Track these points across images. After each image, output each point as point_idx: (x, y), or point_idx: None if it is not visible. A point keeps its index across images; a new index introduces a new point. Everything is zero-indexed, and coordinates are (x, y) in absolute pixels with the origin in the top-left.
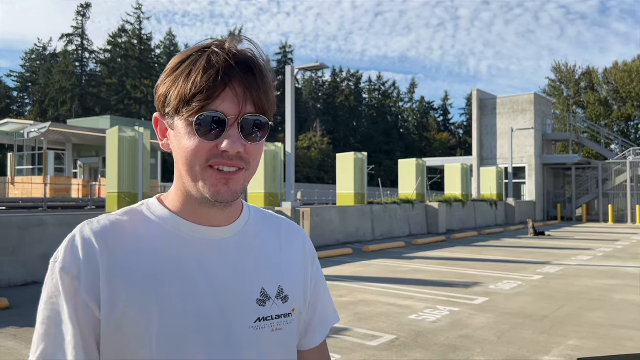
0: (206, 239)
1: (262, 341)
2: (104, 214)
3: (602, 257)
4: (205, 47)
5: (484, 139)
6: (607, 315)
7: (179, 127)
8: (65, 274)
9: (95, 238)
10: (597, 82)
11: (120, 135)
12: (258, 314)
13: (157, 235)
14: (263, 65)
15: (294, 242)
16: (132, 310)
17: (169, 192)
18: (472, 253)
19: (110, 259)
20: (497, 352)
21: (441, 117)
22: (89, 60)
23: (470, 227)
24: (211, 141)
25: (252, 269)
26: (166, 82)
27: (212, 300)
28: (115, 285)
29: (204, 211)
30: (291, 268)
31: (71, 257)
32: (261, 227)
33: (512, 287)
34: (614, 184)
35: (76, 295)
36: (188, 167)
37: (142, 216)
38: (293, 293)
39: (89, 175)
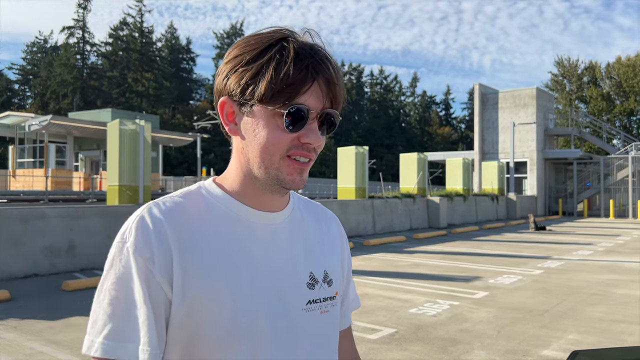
0: (264, 224)
1: (314, 323)
2: (166, 196)
3: (603, 252)
4: (282, 38)
5: (485, 134)
6: (608, 310)
7: (261, 115)
8: (139, 255)
9: (165, 219)
10: (600, 77)
11: (121, 128)
12: (309, 296)
13: (219, 218)
14: (334, 60)
15: (331, 228)
16: (204, 294)
17: (226, 176)
18: (472, 247)
19: (180, 241)
20: (496, 346)
21: (443, 111)
22: (90, 53)
23: (472, 221)
24: (294, 133)
25: (302, 254)
26: (245, 68)
27: (272, 284)
28: (187, 268)
29: (264, 197)
30: (332, 253)
31: (143, 238)
32: (304, 213)
33: (512, 281)
34: (616, 179)
35: (150, 276)
36: (266, 155)
37: (203, 199)
38: (335, 277)
39: (90, 168)
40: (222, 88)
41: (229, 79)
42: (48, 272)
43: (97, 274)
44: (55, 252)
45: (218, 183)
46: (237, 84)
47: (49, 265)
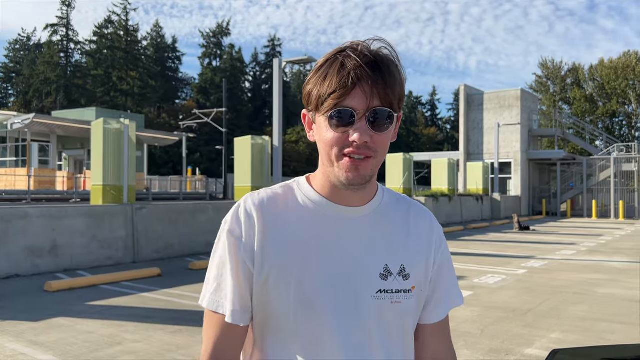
0: (343, 217)
1: (383, 310)
2: (264, 188)
3: (585, 252)
4: (341, 50)
5: (470, 134)
6: (590, 309)
7: (320, 121)
8: (231, 235)
9: (255, 208)
10: (583, 79)
11: (105, 127)
12: (380, 286)
13: (303, 210)
14: (391, 62)
15: (421, 225)
16: (275, 272)
17: (315, 174)
18: (457, 247)
19: (264, 225)
20: (480, 345)
21: (429, 112)
22: (74, 51)
23: (457, 221)
24: (343, 133)
25: (379, 246)
26: (310, 83)
27: (342, 271)
28: (265, 248)
29: (341, 192)
30: (415, 249)
31: (236, 222)
32: (392, 209)
33: (496, 281)
34: (598, 180)
35: (237, 252)
36: (327, 155)
37: (293, 192)
38: (414, 272)
39: (74, 168)
40: (304, 101)
41: (304, 92)
42: (30, 273)
43: (80, 274)
44: (37, 252)
45: (309, 180)
46: (305, 97)
47: (31, 265)
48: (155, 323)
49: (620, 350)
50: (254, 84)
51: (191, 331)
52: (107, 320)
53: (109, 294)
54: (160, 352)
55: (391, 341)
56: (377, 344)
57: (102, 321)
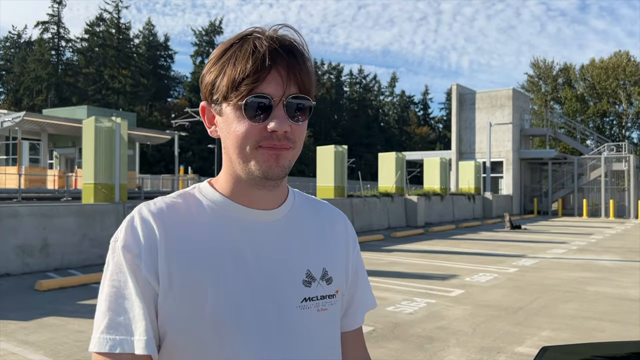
0: (256, 222)
1: (309, 320)
2: (160, 197)
3: (576, 251)
4: (247, 35)
5: (462, 134)
6: (580, 307)
7: (228, 112)
8: (127, 252)
9: (153, 219)
10: (574, 79)
11: (96, 125)
12: (304, 294)
13: (210, 217)
14: (304, 49)
15: (336, 226)
16: (187, 289)
17: (219, 177)
18: (449, 246)
19: (167, 238)
20: (472, 343)
21: (421, 111)
22: (65, 49)
23: (449, 220)
24: (260, 123)
25: (298, 251)
26: (212, 71)
27: (262, 281)
28: (172, 263)
29: (253, 193)
30: (334, 251)
31: (132, 236)
32: (305, 211)
33: (488, 279)
34: (589, 179)
35: (137, 271)
36: (239, 150)
37: (195, 199)
38: (336, 275)
39: (65, 166)
40: (202, 93)
41: (202, 83)
42: (21, 272)
43: (71, 273)
44: (28, 251)
45: (212, 184)
46: (206, 87)
47: (21, 264)
48: None
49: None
50: None
51: None
52: None
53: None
54: None
55: (320, 355)
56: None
57: (92, 320)
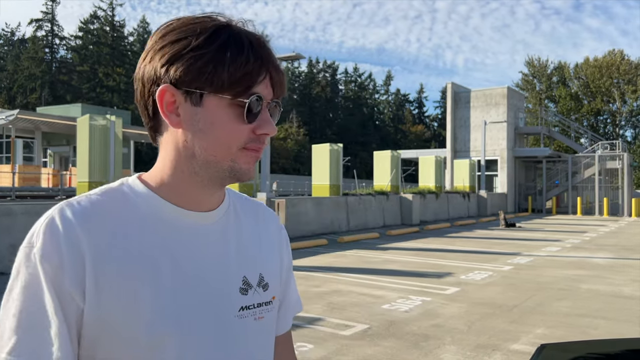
0: (193, 225)
1: (247, 329)
2: (83, 195)
3: (570, 248)
4: (227, 25)
5: (457, 132)
6: (574, 305)
7: (215, 105)
8: (46, 261)
9: (78, 221)
10: (569, 77)
11: (91, 123)
12: (241, 302)
13: (141, 219)
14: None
15: (271, 229)
16: (119, 302)
17: (154, 172)
18: (444, 244)
19: (94, 244)
20: (467, 341)
21: (416, 109)
22: (59, 47)
23: (443, 218)
24: (250, 124)
25: (234, 257)
26: (196, 54)
27: (200, 291)
28: (101, 275)
29: (200, 194)
30: (269, 256)
31: (52, 243)
32: (240, 213)
33: (483, 277)
34: (583, 177)
35: (59, 284)
36: (221, 148)
37: (124, 197)
38: (272, 281)
39: (60, 165)
40: (158, 75)
41: (172, 64)
42: None
43: None
44: None
45: (144, 180)
46: (187, 71)
47: None
48: None
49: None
50: None
51: None
52: None
53: None
54: None
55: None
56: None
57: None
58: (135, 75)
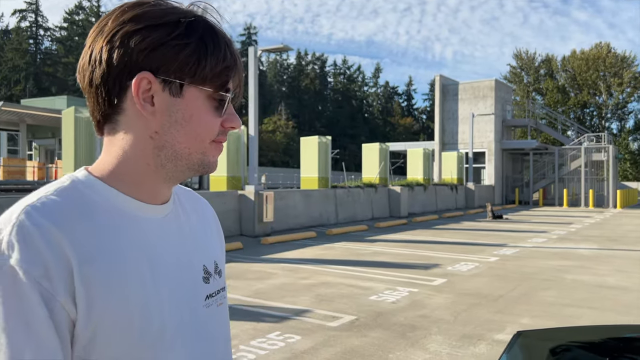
0: (153, 219)
1: (213, 317)
2: (39, 192)
3: (556, 240)
4: (200, 15)
5: (445, 124)
6: (559, 295)
7: (195, 98)
8: (28, 271)
9: (53, 223)
10: (556, 70)
11: (76, 115)
12: (206, 291)
13: (107, 217)
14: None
15: (208, 215)
16: (111, 307)
17: (104, 165)
18: (432, 236)
19: (78, 247)
20: (453, 331)
21: (405, 102)
22: (43, 38)
23: (431, 210)
24: (220, 117)
25: (192, 247)
26: (180, 42)
27: (174, 286)
28: (90, 278)
29: (158, 188)
30: (215, 243)
31: (31, 250)
32: (185, 203)
33: (469, 268)
34: (569, 169)
35: (47, 296)
36: (199, 141)
37: (82, 195)
38: (223, 267)
39: (45, 157)
40: (134, 60)
41: (155, 51)
42: None
43: None
44: None
45: (94, 174)
46: (171, 60)
47: None
48: None
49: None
50: None
51: None
52: None
53: None
54: None
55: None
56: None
57: None
58: (93, 57)
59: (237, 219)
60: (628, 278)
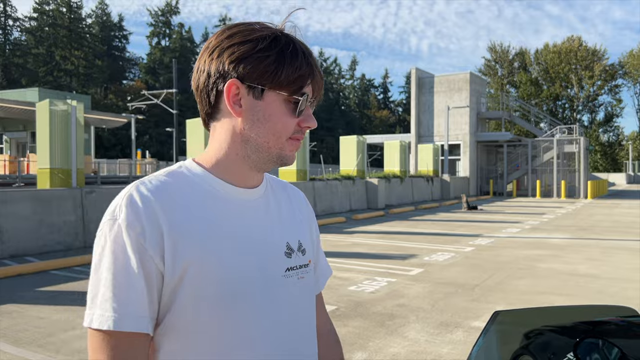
0: (243, 199)
1: (292, 288)
2: (151, 175)
3: (529, 230)
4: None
5: (421, 117)
6: (532, 283)
7: (273, 100)
8: (131, 230)
9: (153, 196)
10: (529, 63)
11: (51, 108)
12: (287, 264)
13: (202, 194)
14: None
15: (300, 202)
16: (193, 266)
17: (207, 155)
18: (409, 227)
19: (168, 216)
20: (431, 319)
21: (381, 94)
22: (12, 28)
23: (408, 202)
24: (297, 118)
25: (278, 226)
26: (262, 55)
27: (254, 253)
28: (176, 241)
29: (248, 174)
30: (303, 225)
31: (133, 214)
32: (276, 189)
33: (445, 258)
34: (542, 161)
35: (142, 250)
36: (276, 137)
37: (185, 177)
38: (308, 247)
39: (17, 151)
40: (226, 70)
41: (241, 62)
42: None
43: (28, 260)
44: None
45: (198, 162)
46: (254, 69)
47: None
48: None
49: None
50: None
51: None
52: (60, 306)
53: (60, 279)
54: None
55: (306, 320)
56: (294, 324)
57: (54, 306)
58: (199, 67)
59: None
60: (598, 266)
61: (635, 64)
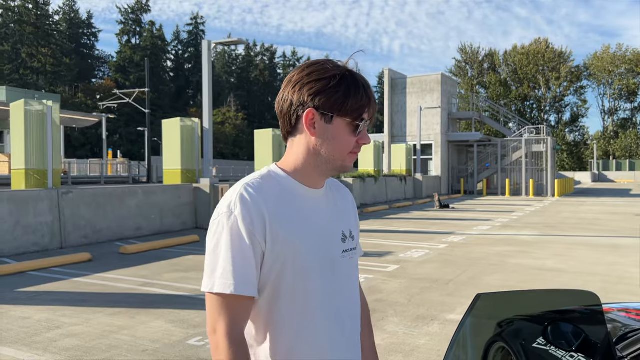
0: (313, 197)
1: (347, 266)
2: (250, 177)
3: (499, 227)
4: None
5: (395, 117)
6: (503, 278)
7: (339, 125)
8: (244, 220)
9: (257, 195)
10: (498, 64)
11: (26, 109)
12: (343, 247)
13: (287, 192)
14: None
15: (347, 197)
16: (285, 247)
17: (287, 163)
18: (384, 225)
19: (269, 210)
20: (408, 313)
21: None
22: None
23: (382, 201)
24: (356, 137)
25: (336, 217)
26: (334, 91)
27: (322, 239)
28: (274, 230)
29: (318, 179)
30: (350, 217)
31: (246, 208)
32: (332, 188)
33: (420, 255)
34: (511, 160)
35: (252, 235)
36: (341, 152)
37: (273, 180)
38: (355, 234)
39: None
40: (305, 100)
41: (317, 96)
42: None
43: (5, 261)
44: None
45: (281, 167)
46: (327, 101)
47: None
48: (92, 306)
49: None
50: (176, 63)
51: (132, 312)
52: (41, 306)
53: (38, 280)
54: (103, 334)
55: (354, 288)
56: (347, 291)
57: (36, 307)
58: (283, 96)
59: (193, 212)
60: (564, 261)
61: (600, 66)
